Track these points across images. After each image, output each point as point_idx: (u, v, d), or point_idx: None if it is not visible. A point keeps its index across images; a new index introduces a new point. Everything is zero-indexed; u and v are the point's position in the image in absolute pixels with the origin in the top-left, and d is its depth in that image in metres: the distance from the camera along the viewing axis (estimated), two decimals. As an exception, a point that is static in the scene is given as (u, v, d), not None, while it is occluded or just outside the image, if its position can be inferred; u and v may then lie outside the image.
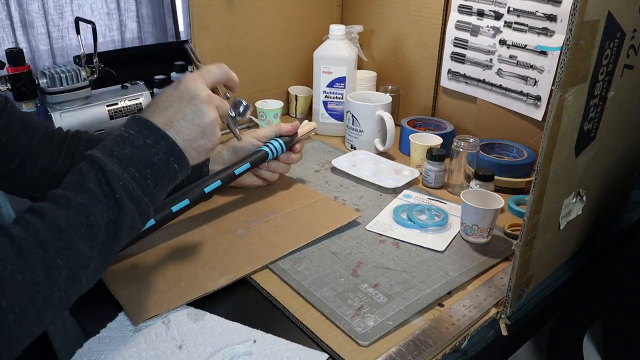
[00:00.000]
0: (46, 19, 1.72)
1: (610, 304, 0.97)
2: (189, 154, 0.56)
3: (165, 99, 0.57)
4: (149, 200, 0.53)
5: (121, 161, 0.51)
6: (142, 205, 0.52)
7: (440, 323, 0.60)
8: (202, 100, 0.57)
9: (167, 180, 0.55)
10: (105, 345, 0.55)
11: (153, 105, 0.57)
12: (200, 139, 0.57)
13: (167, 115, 0.55)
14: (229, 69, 0.62)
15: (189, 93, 0.57)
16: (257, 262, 0.68)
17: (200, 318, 0.59)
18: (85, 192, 0.49)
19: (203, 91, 0.57)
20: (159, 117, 0.55)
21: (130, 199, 0.51)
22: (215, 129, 0.58)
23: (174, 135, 0.55)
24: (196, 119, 0.56)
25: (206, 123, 0.57)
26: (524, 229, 0.56)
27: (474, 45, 1.00)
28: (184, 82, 0.58)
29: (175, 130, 0.55)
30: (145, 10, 1.95)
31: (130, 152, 0.52)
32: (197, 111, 0.56)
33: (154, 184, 0.53)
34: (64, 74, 1.01)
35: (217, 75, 0.61)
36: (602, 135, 0.65)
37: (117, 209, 0.50)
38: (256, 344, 0.55)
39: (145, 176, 0.52)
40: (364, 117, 1.02)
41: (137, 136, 0.53)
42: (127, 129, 0.54)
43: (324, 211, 0.81)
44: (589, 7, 0.49)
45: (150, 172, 0.53)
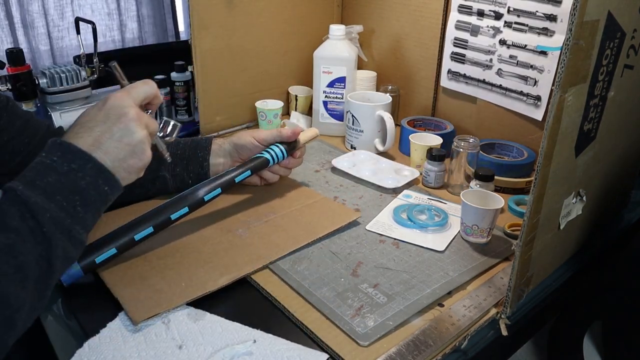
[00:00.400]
0: (46, 19, 1.72)
1: (610, 304, 0.97)
2: (119, 174, 0.54)
3: (91, 118, 0.54)
4: (81, 227, 0.51)
5: (45, 191, 0.49)
6: (74, 235, 0.50)
7: (440, 323, 0.60)
8: (131, 118, 0.55)
9: (98, 204, 0.53)
10: (106, 345, 0.55)
11: (77, 125, 0.54)
12: (130, 158, 0.55)
13: (93, 136, 0.53)
14: (156, 86, 0.60)
15: (116, 111, 0.54)
16: (257, 262, 0.68)
17: (200, 318, 0.59)
18: (9, 231, 0.46)
19: (131, 109, 0.55)
20: (84, 138, 0.53)
21: (60, 230, 0.49)
22: (145, 147, 0.56)
23: (101, 156, 0.53)
24: (125, 138, 0.54)
25: (136, 141, 0.55)
26: (524, 229, 0.56)
27: (474, 45, 1.00)
28: (110, 100, 0.55)
29: (102, 151, 0.53)
30: (146, 10, 1.95)
31: (55, 180, 0.50)
32: (126, 129, 0.54)
33: (85, 210, 0.51)
34: (64, 74, 1.01)
35: (144, 92, 0.58)
36: (602, 135, 0.65)
37: (47, 243, 0.48)
38: (256, 344, 0.55)
39: (73, 203, 0.50)
40: (364, 117, 1.02)
41: (60, 162, 0.51)
42: (49, 155, 0.51)
43: (324, 211, 0.81)
44: (589, 7, 0.49)
45: (79, 198, 0.51)
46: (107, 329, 0.57)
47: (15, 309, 0.45)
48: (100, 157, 0.53)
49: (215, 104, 1.12)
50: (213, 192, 0.73)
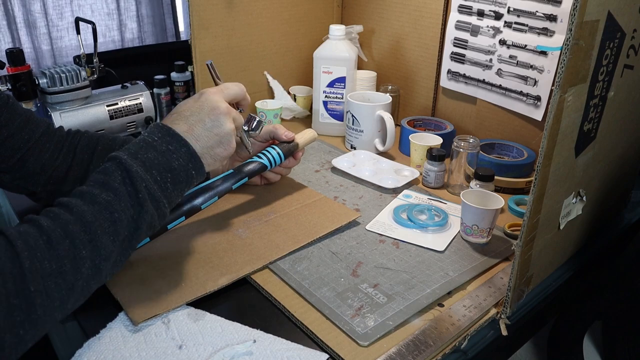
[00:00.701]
0: (47, 19, 1.72)
1: (610, 304, 0.97)
2: (205, 160, 0.59)
3: (187, 108, 0.60)
4: (167, 202, 0.56)
5: (144, 164, 0.54)
6: (161, 207, 0.55)
7: (440, 323, 0.60)
8: (221, 111, 0.61)
9: (184, 185, 0.58)
10: (105, 345, 0.55)
11: (175, 113, 0.60)
12: (217, 147, 0.60)
13: (188, 123, 0.59)
14: (244, 89, 0.67)
15: (209, 104, 0.61)
16: (257, 262, 0.68)
17: (200, 318, 0.59)
18: (110, 190, 0.52)
19: (222, 104, 0.61)
20: (180, 125, 0.58)
21: (151, 199, 0.54)
22: (231, 139, 0.62)
23: (193, 142, 0.58)
24: (215, 129, 0.60)
25: (224, 133, 0.60)
26: (524, 229, 0.56)
27: (473, 46, 1.00)
28: (205, 94, 0.62)
29: (194, 137, 0.58)
30: (145, 10, 1.95)
31: (154, 157, 0.55)
32: (216, 121, 0.60)
33: (173, 188, 0.56)
34: (64, 74, 1.01)
35: (235, 93, 0.65)
36: (602, 135, 0.65)
37: (139, 207, 0.53)
38: (256, 344, 0.55)
39: (166, 180, 0.55)
40: (364, 117, 1.02)
41: (160, 142, 0.56)
42: (151, 134, 0.57)
43: (324, 211, 0.81)
44: (589, 7, 0.49)
45: (171, 176, 0.56)
46: (107, 329, 0.57)
47: (104, 257, 0.50)
48: (192, 142, 0.58)
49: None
50: (210, 200, 0.72)
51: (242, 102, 0.68)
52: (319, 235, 0.74)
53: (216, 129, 0.60)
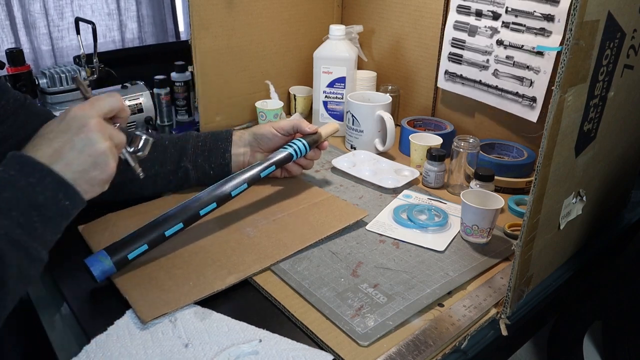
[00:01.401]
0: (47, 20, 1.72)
1: (610, 304, 0.97)
2: (81, 187, 0.53)
3: (51, 129, 0.53)
4: (39, 244, 0.50)
5: (0, 207, 0.47)
6: (31, 252, 0.49)
7: (440, 323, 0.60)
8: (92, 128, 0.53)
9: (59, 219, 0.52)
10: (113, 342, 0.55)
11: (37, 138, 0.53)
12: (92, 170, 0.53)
13: (53, 147, 0.52)
14: (121, 99, 0.59)
15: (77, 122, 0.53)
16: (264, 261, 0.68)
17: (206, 317, 0.59)
18: None
19: (92, 119, 0.54)
20: (43, 150, 0.52)
21: (15, 248, 0.47)
22: (108, 159, 0.54)
23: (62, 168, 0.51)
24: (86, 149, 0.52)
25: (98, 152, 0.53)
26: (524, 229, 0.56)
27: (471, 46, 1.00)
28: (72, 111, 0.54)
29: (63, 163, 0.52)
30: (146, 10, 1.95)
31: (11, 196, 0.48)
32: (87, 140, 0.53)
33: (44, 226, 0.50)
34: (64, 74, 1.01)
35: (109, 105, 0.57)
36: (602, 135, 0.65)
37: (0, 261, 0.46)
38: (262, 344, 0.55)
39: (31, 220, 0.49)
40: (364, 117, 1.02)
41: (17, 176, 0.49)
42: (6, 169, 0.50)
43: (331, 210, 0.81)
44: (589, 7, 0.49)
45: (37, 214, 0.49)
46: (114, 327, 0.57)
47: None
48: (61, 169, 0.51)
49: (215, 104, 1.12)
50: (240, 187, 0.73)
51: (119, 115, 0.59)
52: (326, 235, 0.74)
53: (88, 149, 0.52)
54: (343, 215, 0.79)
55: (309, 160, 0.88)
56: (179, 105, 1.25)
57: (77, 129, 0.53)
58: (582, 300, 1.00)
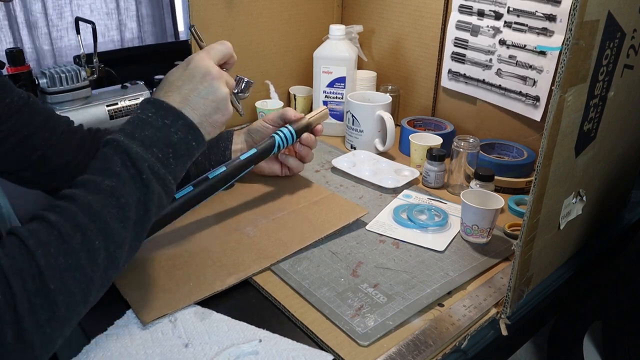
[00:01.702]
0: (47, 19, 1.73)
1: (610, 304, 0.97)
2: (205, 129, 0.58)
3: (178, 77, 0.59)
4: (173, 178, 0.55)
5: (143, 143, 0.53)
6: (167, 184, 0.54)
7: (440, 323, 0.60)
8: (214, 76, 0.59)
9: (186, 158, 0.57)
10: (113, 342, 0.55)
11: (166, 85, 0.59)
12: (214, 113, 0.59)
13: (181, 94, 0.57)
14: (231, 47, 0.64)
15: (200, 71, 0.59)
16: (264, 261, 0.68)
17: (206, 317, 0.59)
18: (113, 176, 0.50)
19: (213, 68, 0.59)
20: (174, 96, 0.57)
21: (156, 178, 0.52)
22: (228, 104, 0.60)
23: (189, 112, 0.56)
24: (210, 95, 0.58)
25: (219, 98, 0.59)
26: (524, 229, 0.56)
27: (474, 45, 1.00)
28: (194, 61, 0.59)
29: (190, 107, 0.57)
30: (145, 10, 1.95)
31: (151, 134, 0.53)
32: (210, 87, 0.58)
33: (176, 163, 0.55)
34: (64, 74, 1.00)
35: (222, 53, 0.63)
36: (602, 135, 0.65)
37: (145, 189, 0.51)
38: (262, 344, 0.55)
39: (167, 155, 0.54)
40: (364, 117, 1.02)
41: (155, 117, 0.54)
42: (144, 111, 0.55)
43: (331, 208, 0.80)
44: (589, 7, 0.49)
45: (172, 151, 0.55)
46: (114, 327, 0.57)
47: (118, 245, 0.49)
48: (189, 113, 0.56)
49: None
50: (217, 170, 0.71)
51: (229, 62, 0.66)
52: (327, 234, 0.74)
53: (211, 95, 0.58)
54: (343, 214, 0.78)
55: (305, 147, 0.86)
56: (179, 105, 1.25)
57: (201, 77, 0.58)
58: (582, 300, 1.00)
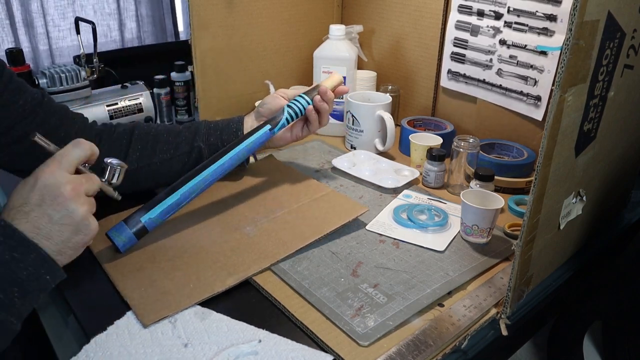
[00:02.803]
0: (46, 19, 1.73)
1: (610, 304, 0.97)
2: (65, 254, 0.53)
3: (25, 201, 0.51)
4: (15, 318, 0.49)
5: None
6: (6, 326, 0.48)
7: (440, 323, 0.60)
8: (67, 197, 0.52)
9: (37, 293, 0.51)
10: (112, 341, 0.55)
11: (12, 210, 0.51)
12: (74, 236, 0.53)
13: (30, 222, 0.51)
14: (89, 144, 0.56)
15: (50, 192, 0.51)
16: (264, 261, 0.68)
17: (206, 317, 0.59)
18: None
19: (65, 186, 0.52)
20: (23, 224, 0.50)
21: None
22: (89, 222, 0.54)
23: (43, 242, 0.51)
24: (65, 219, 0.52)
25: (77, 220, 0.53)
26: (524, 229, 0.56)
27: (474, 45, 1.00)
28: (41, 178, 0.52)
29: (43, 236, 0.51)
30: (145, 10, 1.95)
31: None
32: (64, 210, 0.52)
33: (22, 301, 0.49)
34: (64, 74, 1.01)
35: (77, 158, 0.55)
36: (602, 135, 0.65)
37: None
38: (261, 344, 0.55)
39: (11, 295, 0.48)
40: (364, 117, 1.02)
41: (1, 249, 0.48)
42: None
43: (331, 206, 0.80)
44: (589, 7, 0.49)
45: (18, 289, 0.49)
46: (114, 326, 0.57)
47: None
48: (43, 243, 0.51)
49: (215, 104, 1.12)
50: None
51: (90, 160, 0.57)
52: (326, 232, 0.74)
53: (67, 219, 0.52)
54: (343, 212, 0.78)
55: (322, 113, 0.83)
56: (179, 105, 1.25)
57: (51, 201, 0.51)
58: (582, 300, 1.00)
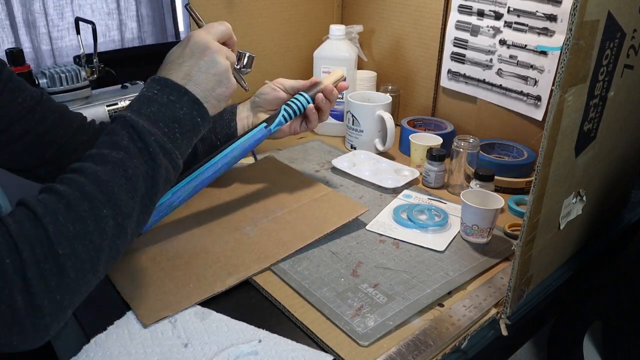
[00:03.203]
0: (46, 19, 1.72)
1: (610, 304, 0.97)
2: (209, 103, 0.59)
3: (178, 55, 0.60)
4: (179, 153, 0.56)
5: (150, 118, 0.54)
6: (173, 158, 0.55)
7: (440, 323, 0.60)
8: (214, 50, 0.60)
9: (191, 134, 0.58)
10: (112, 341, 0.55)
11: (168, 64, 0.60)
12: (217, 87, 0.60)
13: (183, 71, 0.58)
14: (230, 27, 0.65)
15: (199, 46, 0.60)
16: (264, 261, 0.68)
17: (206, 317, 0.59)
18: (120, 149, 0.51)
19: (212, 43, 0.60)
20: (176, 74, 0.58)
21: (163, 152, 0.53)
22: (230, 76, 0.61)
23: (193, 88, 0.58)
24: (211, 69, 0.59)
25: (221, 71, 0.60)
26: (524, 229, 0.56)
27: (474, 45, 1.00)
28: (193, 37, 0.60)
29: (193, 83, 0.58)
30: (145, 10, 1.95)
31: (157, 109, 0.55)
32: (211, 61, 0.59)
33: (182, 138, 0.56)
34: (64, 74, 1.01)
35: (222, 32, 0.63)
36: (602, 135, 0.65)
37: (152, 162, 0.52)
38: (261, 344, 0.55)
39: (173, 130, 0.55)
40: (364, 117, 1.02)
41: (160, 94, 0.56)
42: (149, 89, 0.57)
43: (332, 206, 0.80)
44: (589, 7, 0.49)
45: (178, 126, 0.56)
46: (114, 326, 0.57)
47: (125, 215, 0.50)
48: (193, 89, 0.58)
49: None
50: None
51: (229, 42, 0.66)
52: (326, 232, 0.74)
53: (212, 69, 0.59)
54: (344, 212, 0.78)
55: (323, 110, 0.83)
56: (179, 105, 1.25)
57: (201, 53, 0.59)
58: (582, 300, 1.00)
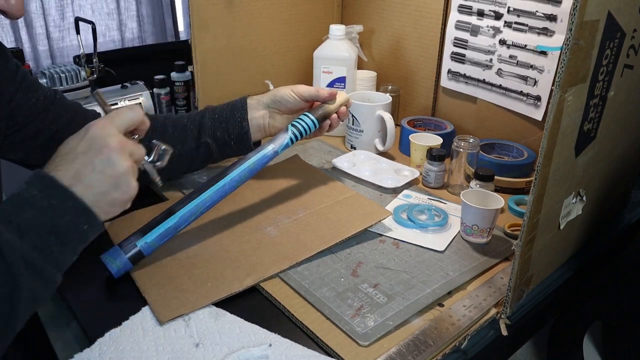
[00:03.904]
0: (46, 19, 1.73)
1: (610, 304, 0.97)
2: (101, 209, 0.52)
3: (71, 149, 0.52)
4: (54, 267, 0.49)
5: (19, 228, 0.46)
6: (44, 275, 0.48)
7: (440, 323, 0.60)
8: (113, 148, 0.51)
9: (76, 243, 0.51)
10: (126, 337, 0.55)
11: (58, 157, 0.52)
12: (113, 191, 0.52)
13: (74, 169, 0.50)
14: (141, 112, 0.57)
15: (97, 142, 0.51)
16: (283, 262, 0.67)
17: (220, 317, 0.59)
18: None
19: (113, 138, 0.52)
20: (65, 172, 0.50)
21: (30, 271, 0.46)
22: (130, 180, 0.53)
23: (82, 191, 0.50)
24: (107, 170, 0.51)
25: (119, 173, 0.52)
26: (524, 229, 0.56)
27: (474, 45, 1.00)
28: (92, 129, 0.52)
29: (83, 185, 0.50)
30: (145, 10, 1.95)
31: (31, 216, 0.47)
32: (108, 161, 0.51)
33: (60, 250, 0.49)
34: (64, 74, 1.01)
35: (129, 119, 0.55)
36: (602, 135, 0.65)
37: (12, 284, 0.44)
38: (272, 348, 0.55)
39: (48, 243, 0.48)
40: (364, 117, 1.02)
41: (40, 197, 0.48)
42: (30, 188, 0.49)
43: (354, 209, 0.79)
44: (589, 7, 0.49)
45: (55, 237, 0.48)
46: (129, 322, 0.57)
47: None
48: (81, 191, 0.50)
49: (215, 104, 1.12)
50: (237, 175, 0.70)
51: (139, 128, 0.58)
52: (348, 236, 0.73)
53: (109, 170, 0.51)
54: (366, 215, 0.77)
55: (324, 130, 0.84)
56: (178, 105, 1.25)
57: (98, 150, 0.51)
58: (582, 300, 1.00)
